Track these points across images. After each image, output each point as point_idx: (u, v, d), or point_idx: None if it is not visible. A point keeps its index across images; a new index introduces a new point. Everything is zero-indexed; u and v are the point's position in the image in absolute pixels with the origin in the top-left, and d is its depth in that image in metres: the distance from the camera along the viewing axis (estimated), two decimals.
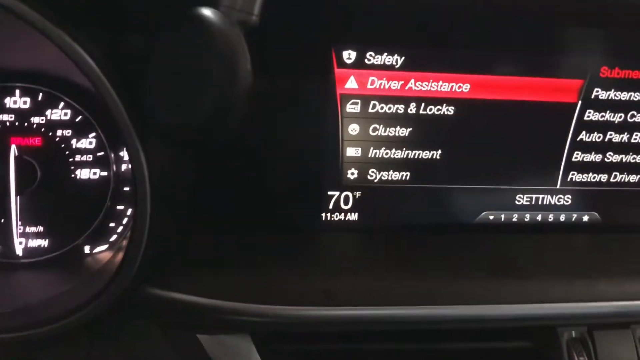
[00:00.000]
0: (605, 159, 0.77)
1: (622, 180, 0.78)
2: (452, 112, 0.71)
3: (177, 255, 0.66)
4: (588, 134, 0.75)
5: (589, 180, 0.77)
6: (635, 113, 0.75)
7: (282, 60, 0.66)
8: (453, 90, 0.70)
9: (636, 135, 0.76)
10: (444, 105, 0.71)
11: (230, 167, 0.71)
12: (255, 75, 0.47)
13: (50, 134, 0.67)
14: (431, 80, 0.70)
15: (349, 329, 0.63)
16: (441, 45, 0.70)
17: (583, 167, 0.77)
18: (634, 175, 0.78)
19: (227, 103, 0.45)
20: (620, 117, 0.75)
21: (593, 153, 0.76)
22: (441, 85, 0.70)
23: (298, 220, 0.74)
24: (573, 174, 0.77)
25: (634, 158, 0.77)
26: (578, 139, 0.75)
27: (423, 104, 0.71)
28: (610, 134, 0.76)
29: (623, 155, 0.77)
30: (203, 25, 0.43)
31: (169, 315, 0.62)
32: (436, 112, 0.71)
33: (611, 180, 0.78)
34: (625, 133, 0.76)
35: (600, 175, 0.77)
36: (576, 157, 0.76)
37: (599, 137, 0.76)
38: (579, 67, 0.72)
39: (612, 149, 0.76)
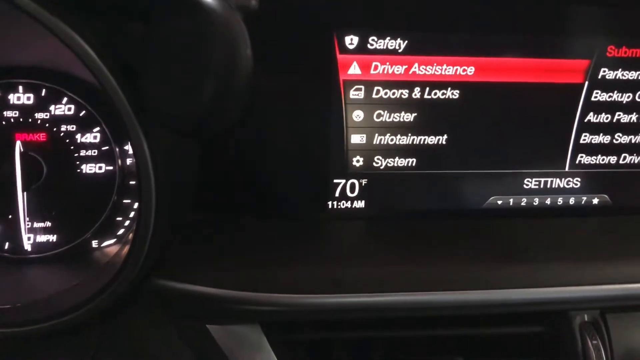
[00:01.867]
0: (614, 140, 0.76)
1: (632, 162, 0.77)
2: (458, 95, 0.71)
3: (185, 247, 0.66)
4: (596, 115, 0.74)
5: (598, 162, 0.77)
6: None
7: (284, 47, 0.66)
8: (458, 73, 0.70)
9: None
10: (449, 89, 0.70)
11: (235, 157, 0.71)
12: (257, 63, 0.47)
13: (55, 129, 0.68)
14: (435, 64, 0.69)
15: (358, 316, 0.63)
16: (445, 28, 0.69)
17: (592, 149, 0.76)
18: None
19: (228, 89, 0.45)
20: (629, 97, 0.74)
21: (601, 134, 0.75)
22: (446, 69, 0.69)
23: (304, 209, 0.74)
24: (582, 156, 0.76)
25: None
26: (586, 120, 0.74)
27: (427, 89, 0.70)
28: (619, 115, 0.75)
29: (632, 136, 0.76)
30: (202, 11, 0.43)
31: (178, 306, 0.62)
32: (441, 97, 0.70)
33: (621, 161, 0.77)
34: (634, 113, 0.75)
35: (609, 157, 0.77)
36: (584, 139, 0.75)
37: (607, 118, 0.75)
38: (585, 47, 0.71)
39: (620, 129, 0.76)
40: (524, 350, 0.67)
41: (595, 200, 0.78)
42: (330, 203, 0.73)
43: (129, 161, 0.69)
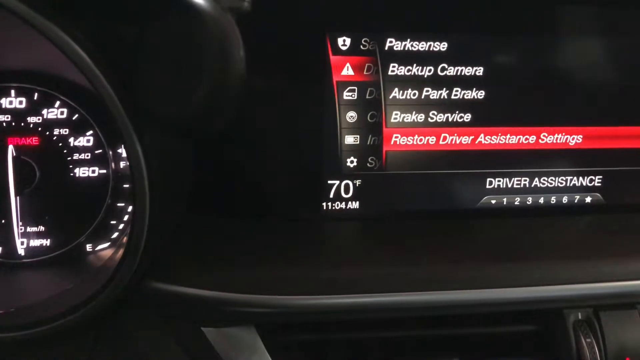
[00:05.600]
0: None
1: (625, 161, 0.78)
2: (450, 95, 0.71)
3: (179, 249, 0.66)
4: None
5: (590, 161, 0.77)
6: None
7: (277, 48, 0.66)
8: (452, 73, 0.70)
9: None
10: (443, 89, 0.70)
11: (229, 159, 0.71)
12: (250, 64, 0.47)
13: (48, 133, 0.67)
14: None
15: (353, 317, 0.63)
16: (439, 28, 0.69)
17: (584, 149, 0.76)
18: (636, 155, 0.77)
19: (221, 90, 0.45)
20: None
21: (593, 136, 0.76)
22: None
23: (299, 210, 0.74)
24: (574, 155, 0.76)
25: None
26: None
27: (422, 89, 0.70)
28: None
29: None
30: (194, 13, 0.43)
31: (173, 309, 0.62)
32: (433, 97, 0.71)
33: (613, 160, 0.77)
34: None
35: (602, 156, 0.77)
36: (577, 140, 0.75)
37: None
38: None
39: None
40: (518, 349, 0.67)
41: (588, 199, 0.79)
42: (324, 204, 0.73)
43: (122, 164, 0.69)
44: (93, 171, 0.68)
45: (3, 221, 0.67)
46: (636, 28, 0.72)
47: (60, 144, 0.68)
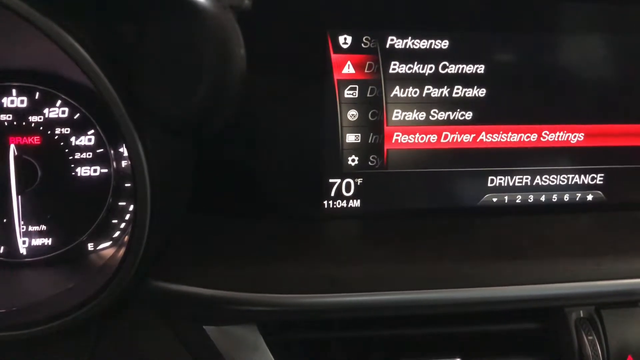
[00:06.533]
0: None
1: (626, 158, 0.77)
2: (451, 93, 0.71)
3: (181, 248, 0.66)
4: None
5: (591, 159, 0.77)
6: None
7: (278, 46, 0.66)
8: (453, 71, 0.70)
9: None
10: (445, 87, 0.70)
11: (230, 158, 0.71)
12: (250, 62, 0.47)
13: (49, 132, 0.67)
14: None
15: (355, 316, 0.63)
16: (439, 27, 0.69)
17: (586, 147, 0.76)
18: (638, 153, 0.77)
19: (221, 88, 0.45)
20: None
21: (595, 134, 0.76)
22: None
23: (300, 209, 0.74)
24: (576, 153, 0.76)
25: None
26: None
27: (423, 87, 0.70)
28: None
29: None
30: (195, 11, 0.43)
31: (174, 307, 0.62)
32: (434, 95, 0.71)
33: (614, 157, 0.77)
34: None
35: (603, 153, 0.77)
36: (578, 138, 0.75)
37: None
38: None
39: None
40: (520, 347, 0.67)
41: (590, 197, 0.78)
42: (326, 202, 0.73)
43: (124, 163, 0.69)
44: (95, 170, 0.69)
45: (5, 220, 0.67)
46: (637, 25, 0.72)
47: (61, 143, 0.68)
